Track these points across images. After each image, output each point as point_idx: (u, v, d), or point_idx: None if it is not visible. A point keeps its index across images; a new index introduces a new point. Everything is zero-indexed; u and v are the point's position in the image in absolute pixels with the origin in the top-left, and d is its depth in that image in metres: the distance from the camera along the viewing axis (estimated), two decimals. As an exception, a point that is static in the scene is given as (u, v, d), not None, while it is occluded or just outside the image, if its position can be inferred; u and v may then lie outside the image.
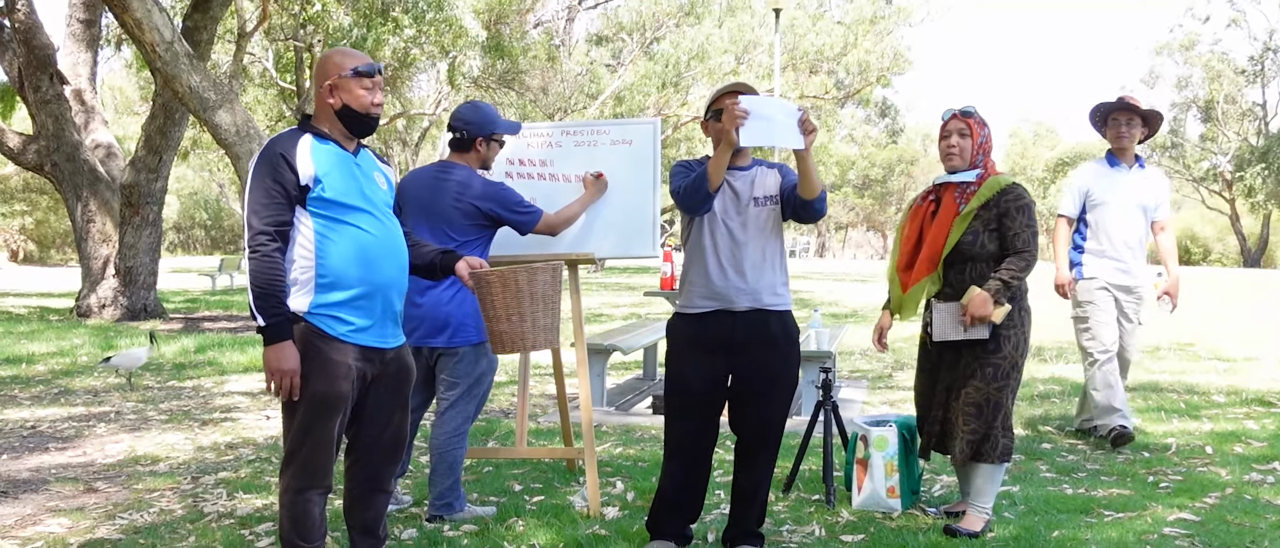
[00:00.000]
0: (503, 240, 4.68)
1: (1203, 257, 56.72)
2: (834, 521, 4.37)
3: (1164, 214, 5.84)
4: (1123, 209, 5.67)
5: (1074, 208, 5.81)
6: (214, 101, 12.07)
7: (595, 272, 31.73)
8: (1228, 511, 4.41)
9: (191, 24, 13.96)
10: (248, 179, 3.13)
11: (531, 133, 5.15)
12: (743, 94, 3.62)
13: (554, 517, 4.45)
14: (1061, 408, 7.05)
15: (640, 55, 32.37)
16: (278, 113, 27.32)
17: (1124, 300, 5.81)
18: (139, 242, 15.05)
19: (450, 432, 4.40)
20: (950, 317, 4.09)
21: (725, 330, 3.76)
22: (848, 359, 10.23)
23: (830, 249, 72.59)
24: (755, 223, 3.77)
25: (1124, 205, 5.67)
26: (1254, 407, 7.03)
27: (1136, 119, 5.67)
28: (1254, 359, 9.83)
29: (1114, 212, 5.67)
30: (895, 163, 66.52)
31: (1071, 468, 5.26)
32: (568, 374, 5.65)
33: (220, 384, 8.69)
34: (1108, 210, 5.68)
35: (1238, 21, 50.57)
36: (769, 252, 3.79)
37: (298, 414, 3.16)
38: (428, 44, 17.75)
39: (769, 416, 3.82)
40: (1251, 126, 52.58)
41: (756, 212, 3.78)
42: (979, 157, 4.12)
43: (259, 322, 3.06)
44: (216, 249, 64.45)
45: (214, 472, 5.46)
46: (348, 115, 3.24)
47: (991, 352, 4.03)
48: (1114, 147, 5.74)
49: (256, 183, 3.09)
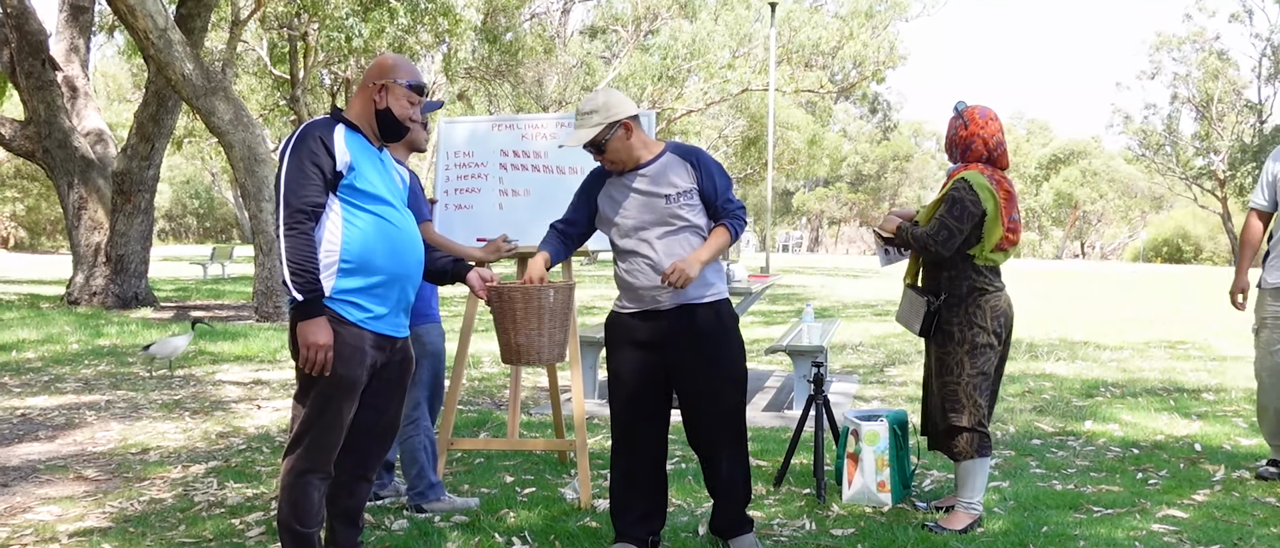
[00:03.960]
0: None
1: (1194, 255, 56.91)
2: (825, 515, 4.38)
3: None
4: None
5: (1264, 197, 5.01)
6: (207, 89, 12.04)
7: (588, 264, 31.74)
8: (1216, 508, 4.44)
9: (185, 11, 13.92)
10: (283, 160, 3.17)
11: (529, 125, 5.14)
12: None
13: (545, 508, 4.45)
14: (1052, 405, 7.07)
15: (635, 48, 32.34)
16: (271, 102, 27.24)
17: None
18: (130, 229, 15.01)
19: (402, 420, 4.27)
20: (907, 304, 4.30)
21: (656, 329, 3.70)
22: (839, 354, 10.25)
23: (823, 244, 72.68)
24: (671, 220, 3.66)
25: None
26: (1243, 405, 7.06)
27: None
28: (1243, 358, 9.86)
29: None
30: (888, 158, 66.62)
31: (1061, 464, 5.28)
32: (560, 367, 5.66)
33: (211, 374, 8.68)
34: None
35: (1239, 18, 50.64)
36: (689, 245, 3.67)
37: (311, 396, 3.19)
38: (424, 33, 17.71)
39: (717, 409, 3.75)
40: (1246, 125, 52.72)
41: (666, 208, 3.66)
42: (954, 149, 4.24)
43: (295, 296, 3.10)
44: (209, 238, 64.34)
45: (204, 461, 5.45)
46: (387, 119, 3.34)
47: (938, 346, 4.14)
48: None
49: (294, 164, 3.13)
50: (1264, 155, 48.75)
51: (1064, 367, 9.15)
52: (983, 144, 4.15)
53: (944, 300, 4.12)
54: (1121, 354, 10.22)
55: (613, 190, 3.77)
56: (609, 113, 3.64)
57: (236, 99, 12.65)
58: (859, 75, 34.64)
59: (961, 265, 4.09)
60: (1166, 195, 61.26)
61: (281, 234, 3.10)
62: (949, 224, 4.04)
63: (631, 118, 3.67)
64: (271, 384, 8.10)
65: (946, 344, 4.12)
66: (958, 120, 4.20)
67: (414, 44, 18.00)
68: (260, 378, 8.44)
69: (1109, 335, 12.20)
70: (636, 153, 3.71)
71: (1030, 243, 66.13)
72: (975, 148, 4.16)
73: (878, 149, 66.70)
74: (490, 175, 5.11)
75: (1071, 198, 63.04)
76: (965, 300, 4.09)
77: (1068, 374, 8.65)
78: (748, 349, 10.18)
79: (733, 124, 37.53)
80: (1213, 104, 52.17)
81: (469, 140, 5.18)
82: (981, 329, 4.09)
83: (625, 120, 3.65)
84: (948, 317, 4.11)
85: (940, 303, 4.12)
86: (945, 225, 4.04)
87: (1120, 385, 7.99)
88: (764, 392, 7.71)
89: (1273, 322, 4.91)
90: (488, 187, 5.11)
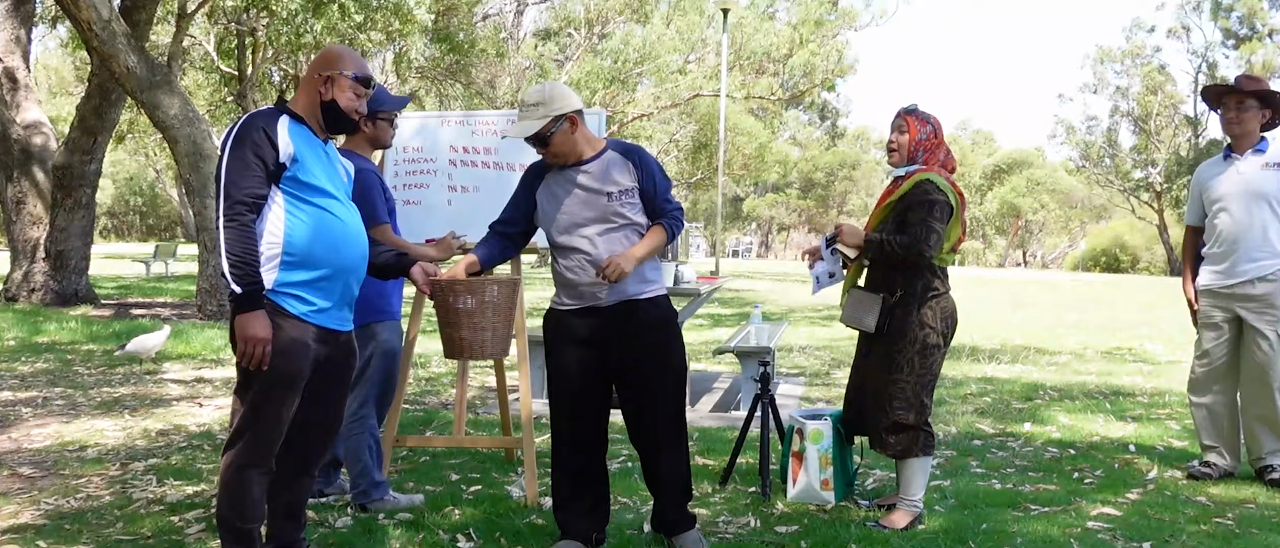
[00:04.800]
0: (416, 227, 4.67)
1: (1131, 265, 58.06)
2: (769, 512, 4.43)
3: None
4: (1239, 203, 4.94)
5: (1193, 215, 5.21)
6: (152, 83, 11.85)
7: (539, 266, 31.64)
8: (1148, 505, 4.55)
9: (130, 3, 13.67)
10: (224, 150, 3.13)
11: (478, 121, 5.14)
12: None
13: (491, 506, 4.45)
14: (993, 407, 7.19)
15: (588, 51, 32.34)
16: (218, 98, 26.85)
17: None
18: (71, 225, 14.71)
19: (349, 417, 4.26)
20: (854, 303, 4.28)
21: (595, 326, 3.71)
22: (787, 356, 10.33)
23: (773, 249, 73.15)
24: (611, 218, 3.67)
25: (1240, 199, 4.94)
26: (1175, 407, 7.23)
27: (1250, 100, 4.98)
28: (1176, 362, 10.10)
29: (1231, 208, 4.96)
30: (837, 166, 67.22)
31: (1001, 464, 5.37)
32: (508, 367, 5.65)
33: (153, 372, 8.54)
34: (1223, 208, 4.99)
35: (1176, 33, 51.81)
36: (628, 242, 3.68)
37: (252, 390, 3.16)
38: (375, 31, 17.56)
39: (658, 405, 3.76)
40: (1182, 139, 53.93)
41: (608, 206, 3.66)
42: (917, 152, 4.22)
43: (234, 290, 3.07)
44: (152, 236, 63.16)
45: (144, 458, 5.37)
46: (332, 110, 3.32)
47: (889, 343, 4.16)
48: (1226, 134, 5.09)
49: (235, 155, 3.10)
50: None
51: (1005, 370, 9.31)
52: (944, 150, 4.24)
53: (900, 298, 4.16)
54: (1061, 359, 10.41)
55: (553, 186, 3.77)
56: (554, 106, 3.65)
57: (182, 93, 12.46)
58: (809, 83, 34.92)
59: (919, 264, 4.15)
60: (1106, 206, 62.46)
61: (221, 225, 3.07)
62: (934, 226, 4.07)
63: (577, 112, 3.69)
64: (214, 382, 8.00)
65: (898, 342, 4.15)
66: (926, 125, 4.25)
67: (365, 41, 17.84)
68: (203, 376, 8.32)
69: (1049, 341, 12.42)
70: (580, 148, 3.72)
71: (974, 251, 67.06)
72: (938, 152, 4.23)
73: (826, 156, 67.27)
74: (440, 171, 5.10)
75: (1015, 207, 64.02)
76: (920, 300, 4.15)
77: (1008, 377, 8.80)
78: (697, 351, 10.28)
79: (683, 128, 37.66)
80: (1151, 118, 53.31)
81: (418, 135, 5.16)
82: (932, 330, 4.15)
83: (571, 114, 3.66)
84: (902, 315, 4.15)
85: (897, 300, 4.16)
86: (931, 228, 4.07)
87: (1059, 389, 8.14)
88: (712, 393, 7.75)
89: (1203, 320, 5.07)
90: (437, 183, 5.10)
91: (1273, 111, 5.01)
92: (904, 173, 4.23)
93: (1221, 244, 4.97)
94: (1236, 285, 4.91)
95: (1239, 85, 5.03)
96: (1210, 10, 50.25)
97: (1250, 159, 4.95)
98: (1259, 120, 4.99)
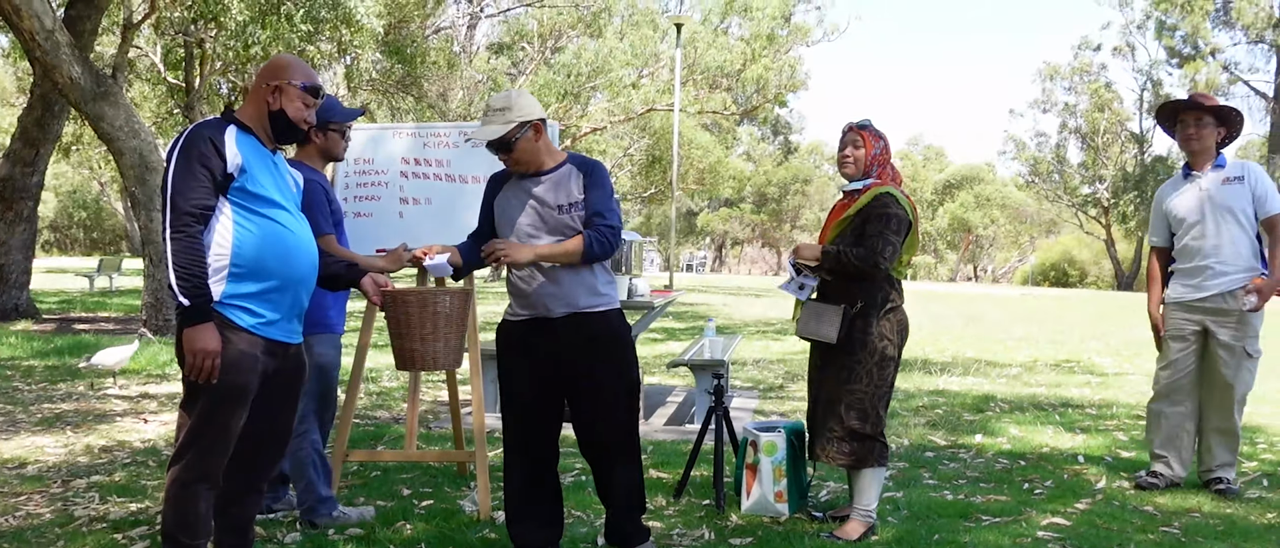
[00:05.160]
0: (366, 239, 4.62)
1: (1080, 279, 59.01)
2: (723, 525, 4.42)
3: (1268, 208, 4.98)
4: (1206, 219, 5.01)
5: (1158, 236, 5.29)
6: (97, 94, 11.65)
7: (492, 280, 31.49)
8: (1097, 515, 4.61)
9: (75, 13, 13.44)
10: (170, 161, 3.08)
11: (430, 133, 5.10)
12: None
13: (443, 520, 4.40)
14: (945, 419, 7.25)
15: (541, 64, 32.30)
16: (165, 109, 26.42)
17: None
18: (12, 238, 14.40)
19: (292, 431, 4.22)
20: (811, 315, 4.27)
21: (546, 337, 3.69)
22: (741, 370, 10.35)
23: (727, 264, 73.41)
24: (561, 230, 3.65)
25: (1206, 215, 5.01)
26: (1123, 418, 7.34)
27: (1207, 117, 5.05)
28: (1124, 374, 10.26)
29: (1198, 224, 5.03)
30: (790, 181, 67.65)
31: (953, 475, 5.41)
32: (461, 380, 5.60)
33: (95, 387, 8.36)
34: (1190, 225, 5.06)
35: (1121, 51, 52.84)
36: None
37: (198, 405, 3.09)
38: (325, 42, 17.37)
39: (610, 418, 3.74)
40: (1129, 155, 54.96)
41: (562, 219, 3.65)
42: (872, 167, 4.25)
43: (182, 302, 3.01)
44: (96, 251, 61.96)
45: (87, 475, 5.25)
46: (280, 120, 3.28)
47: (847, 354, 4.17)
48: (1183, 152, 5.19)
49: (181, 165, 3.04)
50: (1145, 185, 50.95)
51: (957, 383, 9.40)
52: (894, 164, 4.31)
53: (860, 309, 4.17)
54: (1011, 371, 10.53)
55: (509, 195, 3.76)
56: (520, 112, 3.64)
57: (127, 105, 12.25)
58: (762, 98, 35.13)
59: (876, 276, 4.17)
60: (1055, 221, 63.45)
61: (168, 237, 3.01)
62: (891, 239, 4.11)
63: (540, 121, 3.67)
64: (159, 398, 7.85)
65: (857, 353, 4.16)
66: (879, 140, 4.29)
67: (314, 54, 17.64)
68: (148, 391, 8.16)
69: (1000, 354, 12.57)
70: (541, 158, 3.71)
71: (926, 266, 67.77)
72: (891, 166, 4.28)
73: (779, 171, 67.68)
74: (391, 183, 5.05)
75: (965, 222, 64.81)
76: (879, 311, 4.18)
77: (960, 390, 8.88)
78: (651, 365, 10.25)
79: (637, 143, 37.71)
80: (1098, 134, 54.31)
81: (369, 147, 5.11)
82: (890, 341, 4.19)
83: (535, 122, 3.65)
84: (862, 326, 4.16)
85: (857, 311, 4.17)
86: (888, 241, 4.10)
87: (1009, 401, 8.23)
88: (666, 407, 7.74)
89: (1172, 331, 5.13)
90: (388, 194, 5.05)
91: (1227, 129, 5.11)
92: (861, 186, 4.26)
93: (1191, 259, 5.05)
94: (1207, 299, 5.00)
95: (1199, 101, 5.12)
96: (1155, 30, 51.32)
97: (1211, 175, 5.05)
98: (1215, 137, 5.09)
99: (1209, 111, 5.07)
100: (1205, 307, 5.00)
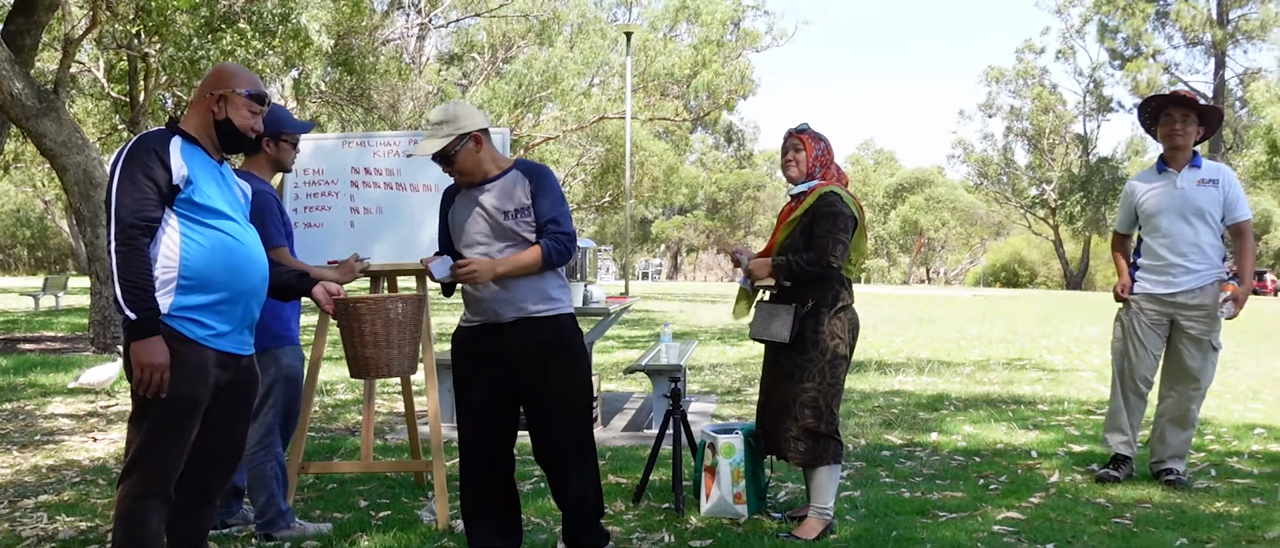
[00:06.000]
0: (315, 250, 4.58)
1: (1030, 279, 59.87)
2: (683, 527, 4.42)
3: (1237, 214, 5.11)
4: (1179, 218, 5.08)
5: (1124, 223, 5.43)
6: (39, 110, 11.44)
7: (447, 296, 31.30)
8: (1051, 509, 4.67)
9: (14, 28, 13.16)
10: (114, 174, 3.02)
11: (379, 142, 5.06)
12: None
13: (401, 531, 4.35)
14: (901, 418, 7.31)
15: (492, 74, 32.20)
16: (110, 125, 25.99)
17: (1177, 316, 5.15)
18: (-48, 258, 14.09)
19: (253, 444, 4.14)
20: (764, 316, 4.31)
21: (497, 343, 3.68)
22: (697, 374, 10.37)
23: (682, 270, 73.56)
24: (509, 237, 3.65)
25: (1179, 214, 5.09)
26: (1074, 414, 7.45)
27: (1192, 115, 5.11)
28: (1074, 371, 10.42)
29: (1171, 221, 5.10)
30: (742, 187, 67.99)
31: (909, 473, 5.46)
32: (416, 391, 5.55)
33: (42, 406, 8.19)
34: (1162, 221, 5.13)
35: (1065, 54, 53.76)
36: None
37: (149, 418, 3.04)
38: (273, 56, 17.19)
39: (563, 423, 3.73)
40: (1074, 157, 55.88)
41: (510, 225, 3.64)
42: (815, 168, 4.30)
43: (128, 316, 2.96)
44: (41, 269, 60.73)
45: (34, 495, 5.14)
46: (227, 130, 3.23)
47: (799, 353, 4.20)
48: (1165, 146, 5.19)
49: (125, 177, 2.99)
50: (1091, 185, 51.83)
51: (912, 382, 9.49)
52: (836, 166, 4.34)
53: (811, 308, 4.20)
54: (964, 370, 10.65)
55: (460, 205, 3.76)
56: (459, 125, 3.62)
57: (70, 120, 12.05)
58: (712, 104, 35.27)
59: (830, 276, 4.20)
60: (1004, 223, 64.36)
61: (113, 250, 2.96)
62: (840, 237, 4.14)
63: (481, 131, 3.66)
64: (107, 416, 7.70)
65: (809, 352, 4.19)
66: (819, 142, 4.33)
67: (263, 67, 17.45)
68: (96, 410, 8.01)
69: (953, 353, 12.71)
70: (485, 167, 3.70)
71: (879, 268, 68.40)
72: (832, 167, 4.33)
73: (732, 177, 67.98)
74: (341, 193, 5.00)
75: (917, 225, 65.55)
76: (831, 310, 4.21)
77: (915, 389, 8.97)
78: (608, 371, 10.24)
79: (590, 151, 37.70)
80: (1044, 136, 55.19)
81: (317, 156, 5.05)
82: (841, 340, 4.22)
83: (475, 133, 3.64)
84: (813, 325, 4.19)
85: (809, 310, 4.20)
86: (837, 239, 4.13)
87: (963, 399, 8.32)
88: (624, 413, 7.73)
89: (1146, 320, 5.19)
90: (338, 204, 4.99)
91: (1206, 130, 5.22)
92: (807, 188, 4.30)
93: (1162, 256, 5.14)
94: (1177, 295, 5.10)
95: (1190, 97, 5.22)
96: (1097, 32, 52.28)
97: (1187, 174, 5.14)
98: (1195, 136, 5.19)
99: (1196, 109, 5.17)
100: (1176, 302, 5.11)
